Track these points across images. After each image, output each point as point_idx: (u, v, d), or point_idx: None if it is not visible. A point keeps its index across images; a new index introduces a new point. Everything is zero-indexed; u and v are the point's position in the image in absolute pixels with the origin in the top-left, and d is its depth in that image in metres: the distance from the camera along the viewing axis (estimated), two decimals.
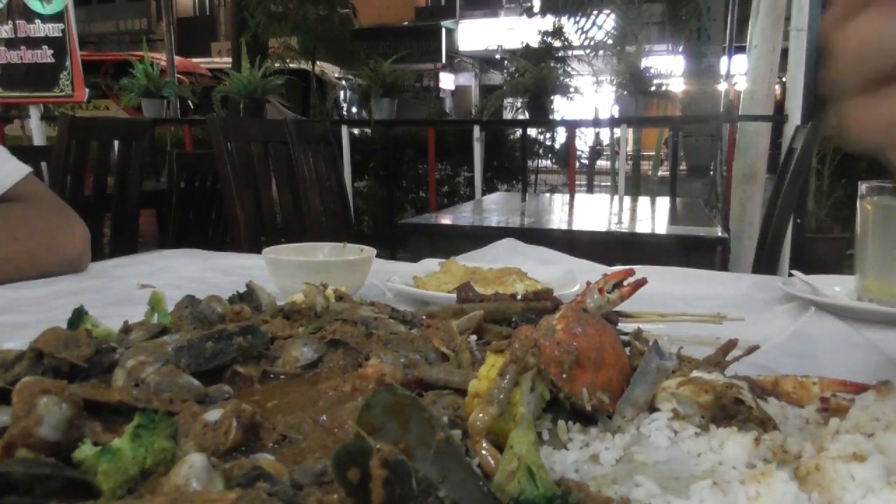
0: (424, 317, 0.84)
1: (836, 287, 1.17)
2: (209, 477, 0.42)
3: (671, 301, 1.09)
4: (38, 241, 1.30)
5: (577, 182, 6.00)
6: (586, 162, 9.88)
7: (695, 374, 0.65)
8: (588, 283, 0.75)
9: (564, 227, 3.02)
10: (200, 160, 3.43)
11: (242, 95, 5.57)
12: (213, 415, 0.49)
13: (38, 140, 4.71)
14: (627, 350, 0.75)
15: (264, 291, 0.89)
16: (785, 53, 3.91)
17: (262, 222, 2.78)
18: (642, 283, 0.76)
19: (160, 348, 0.66)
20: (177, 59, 7.36)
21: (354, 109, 10.69)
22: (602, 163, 10.36)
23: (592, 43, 7.45)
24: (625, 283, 0.75)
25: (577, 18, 7.33)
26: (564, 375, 0.58)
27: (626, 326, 0.88)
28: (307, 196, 2.94)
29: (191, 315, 0.79)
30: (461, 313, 0.82)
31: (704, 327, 0.94)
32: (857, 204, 1.12)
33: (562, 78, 7.27)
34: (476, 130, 4.87)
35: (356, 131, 6.56)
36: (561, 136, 8.49)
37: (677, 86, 6.70)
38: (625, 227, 2.95)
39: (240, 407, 0.50)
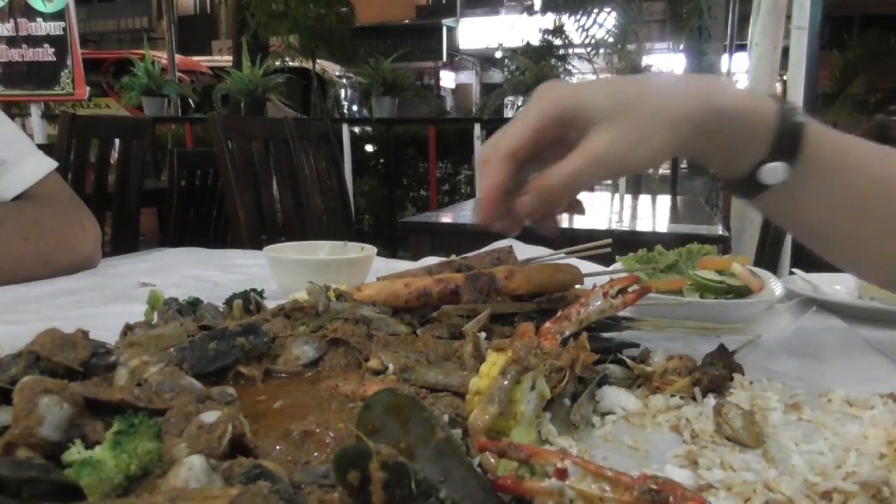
0: (434, 314, 0.84)
1: (837, 285, 1.17)
2: (209, 479, 0.41)
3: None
4: (48, 241, 1.30)
5: None
6: None
7: None
8: (594, 286, 0.75)
9: (565, 225, 3.02)
10: (201, 158, 3.42)
11: (243, 94, 5.58)
12: (210, 416, 0.48)
13: (39, 138, 4.71)
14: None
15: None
16: (786, 52, 3.91)
17: (263, 221, 2.78)
18: (647, 290, 0.76)
19: (163, 346, 0.66)
20: (177, 57, 7.35)
21: (355, 108, 10.67)
22: None
23: (593, 41, 7.43)
24: (629, 289, 0.75)
25: (578, 16, 7.33)
26: None
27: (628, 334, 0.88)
28: (308, 194, 2.93)
29: (178, 314, 0.80)
30: (472, 314, 0.82)
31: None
32: None
33: (562, 76, 7.27)
34: (477, 128, 4.87)
35: (357, 129, 6.56)
36: None
37: None
38: (625, 226, 2.95)
39: (238, 417, 0.50)
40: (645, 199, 4.47)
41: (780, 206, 0.77)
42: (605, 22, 7.22)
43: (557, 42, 8.37)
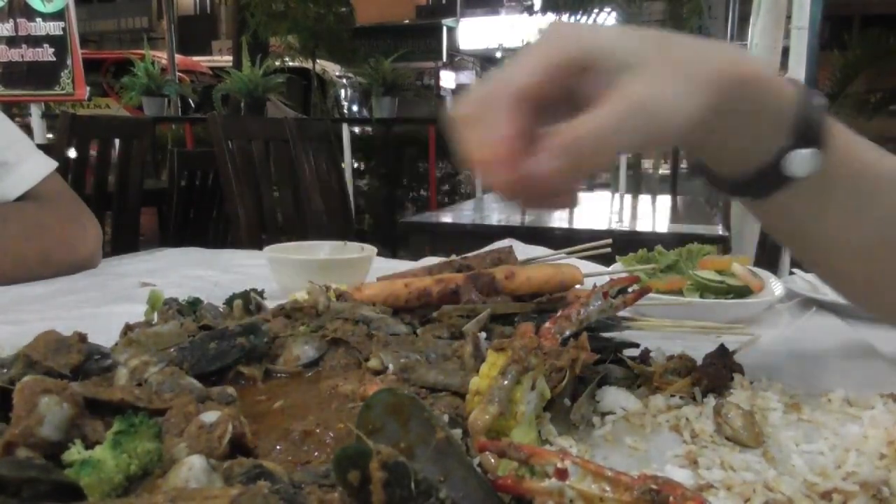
0: (434, 314, 0.84)
1: None
2: (209, 479, 0.41)
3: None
4: (49, 241, 1.31)
5: None
6: None
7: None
8: (594, 286, 0.75)
9: (565, 225, 3.02)
10: (201, 158, 3.43)
11: (243, 94, 5.57)
12: (210, 416, 0.49)
13: (39, 138, 4.70)
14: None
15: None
16: (786, 52, 3.91)
17: (263, 221, 2.78)
18: (647, 290, 0.76)
19: (163, 346, 0.66)
20: (177, 57, 7.35)
21: (355, 108, 10.67)
22: None
23: None
24: (629, 289, 0.75)
25: (578, 16, 7.33)
26: None
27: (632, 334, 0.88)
28: (308, 194, 2.94)
29: (178, 314, 0.80)
30: (472, 314, 0.82)
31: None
32: None
33: None
34: None
35: (357, 130, 6.55)
36: None
37: None
38: (625, 226, 2.95)
39: (238, 417, 0.50)
40: (645, 198, 4.47)
41: (792, 211, 0.65)
42: (605, 22, 7.22)
43: None
